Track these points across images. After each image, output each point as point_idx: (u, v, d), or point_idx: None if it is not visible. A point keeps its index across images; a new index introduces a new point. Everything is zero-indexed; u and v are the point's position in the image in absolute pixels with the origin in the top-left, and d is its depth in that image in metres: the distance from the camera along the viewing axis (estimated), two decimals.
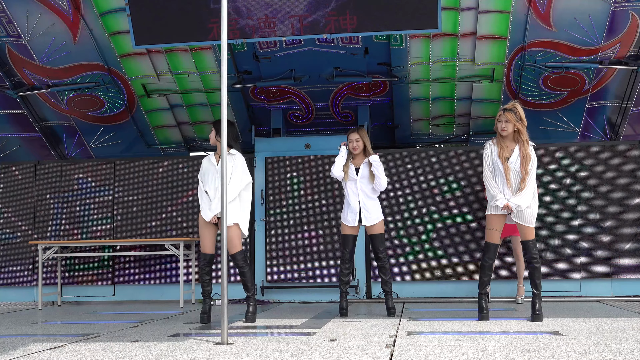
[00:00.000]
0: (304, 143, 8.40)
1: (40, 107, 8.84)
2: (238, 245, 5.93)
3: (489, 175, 5.71)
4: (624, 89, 8.03)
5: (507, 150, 5.65)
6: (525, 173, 5.57)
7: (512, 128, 5.62)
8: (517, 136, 5.65)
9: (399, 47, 7.82)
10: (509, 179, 5.61)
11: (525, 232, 5.65)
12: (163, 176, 8.45)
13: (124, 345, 4.58)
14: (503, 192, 5.63)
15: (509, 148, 5.66)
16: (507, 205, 5.57)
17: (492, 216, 5.70)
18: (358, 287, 7.99)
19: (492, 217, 5.70)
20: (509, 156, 5.63)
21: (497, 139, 5.75)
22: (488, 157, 5.73)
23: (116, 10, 7.42)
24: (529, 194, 5.59)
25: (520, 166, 5.59)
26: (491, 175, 5.71)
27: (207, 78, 8.36)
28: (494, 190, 5.66)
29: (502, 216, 5.69)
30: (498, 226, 5.71)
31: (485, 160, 5.74)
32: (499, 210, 5.65)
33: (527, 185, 5.57)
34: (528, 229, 5.64)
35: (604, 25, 7.23)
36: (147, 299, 8.43)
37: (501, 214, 5.67)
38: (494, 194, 5.64)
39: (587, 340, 4.40)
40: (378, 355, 3.97)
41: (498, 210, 5.65)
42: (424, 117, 8.85)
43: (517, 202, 5.55)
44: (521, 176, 5.60)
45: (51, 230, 8.56)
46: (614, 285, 7.74)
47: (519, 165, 5.60)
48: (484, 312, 5.68)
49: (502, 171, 5.62)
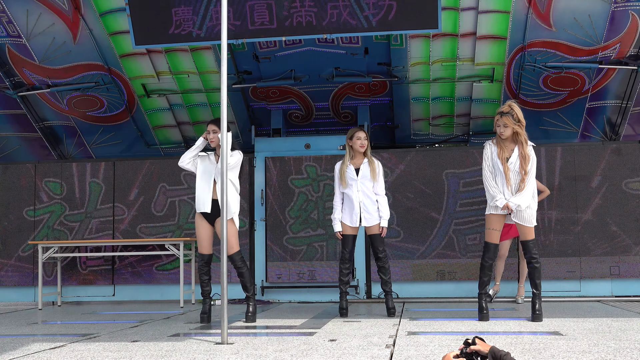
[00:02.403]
0: (304, 143, 8.40)
1: (40, 107, 8.84)
2: (235, 245, 5.92)
3: (488, 175, 5.71)
4: (624, 89, 8.03)
5: (507, 151, 5.65)
6: (525, 173, 5.58)
7: (511, 131, 5.62)
8: (516, 137, 5.65)
9: (399, 47, 7.82)
10: (508, 179, 5.61)
11: (525, 232, 5.66)
12: (163, 176, 8.45)
13: (124, 345, 4.58)
14: (503, 193, 5.63)
15: (509, 148, 5.67)
16: (507, 205, 5.57)
17: (491, 216, 5.71)
18: (358, 287, 7.99)
19: (492, 217, 5.70)
20: (508, 156, 5.64)
21: (497, 139, 5.75)
22: (488, 157, 5.73)
23: (116, 10, 7.41)
24: (529, 194, 5.59)
25: (520, 166, 5.60)
26: (491, 175, 5.71)
27: (207, 78, 8.36)
28: (494, 190, 5.66)
29: (501, 216, 5.69)
30: (498, 226, 5.71)
31: (485, 160, 5.74)
32: (499, 210, 5.65)
33: (527, 185, 5.58)
34: (528, 229, 5.64)
35: (604, 25, 7.23)
36: (147, 299, 8.44)
37: (501, 214, 5.67)
38: (494, 194, 5.64)
39: (587, 340, 4.40)
40: (378, 355, 3.96)
41: (498, 210, 5.66)
42: (424, 117, 8.84)
43: (517, 202, 5.55)
44: (520, 176, 5.60)
45: (51, 230, 8.56)
46: (614, 285, 7.74)
47: (519, 166, 5.61)
48: (484, 312, 5.68)
49: (502, 171, 5.62)
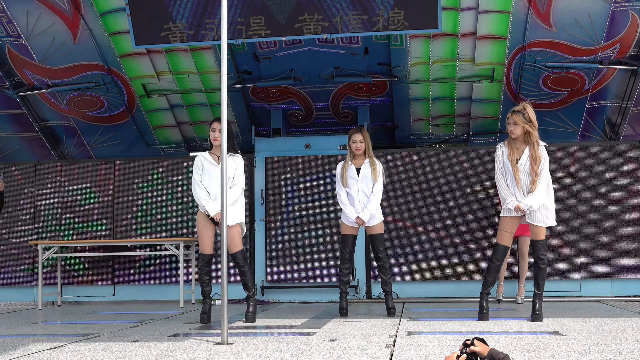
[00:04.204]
0: (304, 143, 8.40)
1: (40, 107, 8.84)
2: (239, 244, 5.94)
3: (500, 177, 5.72)
4: (624, 89, 8.03)
5: (517, 152, 5.64)
6: (535, 175, 5.55)
7: (521, 130, 5.61)
8: (528, 137, 5.64)
9: (399, 47, 7.82)
10: (518, 181, 5.60)
11: (537, 231, 5.65)
12: (163, 176, 8.46)
13: (124, 345, 4.58)
14: (514, 194, 5.62)
15: (519, 150, 5.66)
16: (519, 207, 5.56)
17: (505, 218, 5.71)
18: (358, 287, 7.99)
19: (505, 219, 5.70)
20: (518, 158, 5.62)
21: (509, 140, 5.74)
22: (499, 159, 5.74)
23: (116, 10, 7.41)
24: (541, 194, 5.56)
25: (530, 168, 5.57)
26: (502, 177, 5.71)
27: (207, 78, 8.36)
28: (505, 192, 5.66)
29: (515, 218, 5.68)
30: (510, 228, 5.71)
31: (497, 162, 5.76)
32: (512, 213, 5.64)
33: (538, 186, 5.55)
34: (540, 229, 5.63)
35: (604, 25, 7.23)
36: (147, 299, 8.44)
37: (515, 216, 5.66)
38: (505, 196, 5.65)
39: (587, 340, 4.40)
40: (378, 355, 3.96)
41: (511, 213, 5.65)
42: (424, 117, 8.84)
43: (528, 203, 5.53)
44: (531, 178, 5.58)
45: (51, 231, 8.56)
46: (614, 285, 7.74)
47: (529, 167, 5.58)
48: (484, 312, 5.68)
49: (512, 173, 5.62)
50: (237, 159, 5.98)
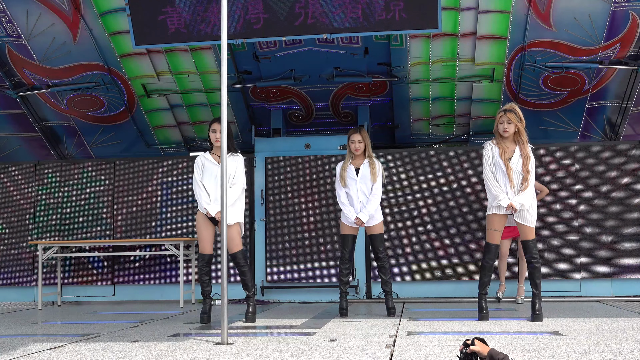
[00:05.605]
0: (304, 143, 8.40)
1: (40, 107, 8.84)
2: (239, 244, 5.94)
3: (490, 175, 5.71)
4: (624, 89, 8.03)
5: (509, 151, 5.66)
6: (527, 173, 5.59)
7: (514, 129, 5.65)
8: (517, 137, 5.67)
9: (399, 47, 7.82)
10: (511, 179, 5.61)
11: (526, 232, 5.66)
12: (163, 176, 8.46)
13: (124, 345, 4.58)
14: (506, 193, 5.63)
15: (510, 149, 5.68)
16: (511, 205, 5.57)
17: (494, 216, 5.70)
18: (358, 287, 7.99)
19: (494, 217, 5.70)
20: (510, 157, 5.65)
21: (497, 140, 5.75)
22: (489, 157, 5.73)
23: (116, 10, 7.41)
24: (532, 192, 5.62)
25: (522, 166, 5.61)
26: (492, 175, 5.71)
27: (207, 78, 8.36)
28: (497, 190, 5.65)
29: (503, 216, 5.70)
30: (499, 227, 5.71)
31: (485, 160, 5.74)
32: (502, 210, 5.65)
33: (529, 184, 5.59)
34: (529, 228, 5.64)
35: (604, 25, 7.23)
36: (147, 299, 8.44)
37: (503, 214, 5.67)
38: (497, 194, 5.64)
39: (587, 340, 4.40)
40: (378, 355, 3.96)
41: (501, 210, 5.65)
42: (424, 117, 8.84)
43: (521, 201, 5.56)
44: (523, 176, 5.61)
45: (51, 231, 8.56)
46: (614, 285, 7.74)
47: (521, 166, 5.61)
48: (483, 312, 5.68)
49: (505, 172, 5.63)
50: (237, 158, 5.99)
